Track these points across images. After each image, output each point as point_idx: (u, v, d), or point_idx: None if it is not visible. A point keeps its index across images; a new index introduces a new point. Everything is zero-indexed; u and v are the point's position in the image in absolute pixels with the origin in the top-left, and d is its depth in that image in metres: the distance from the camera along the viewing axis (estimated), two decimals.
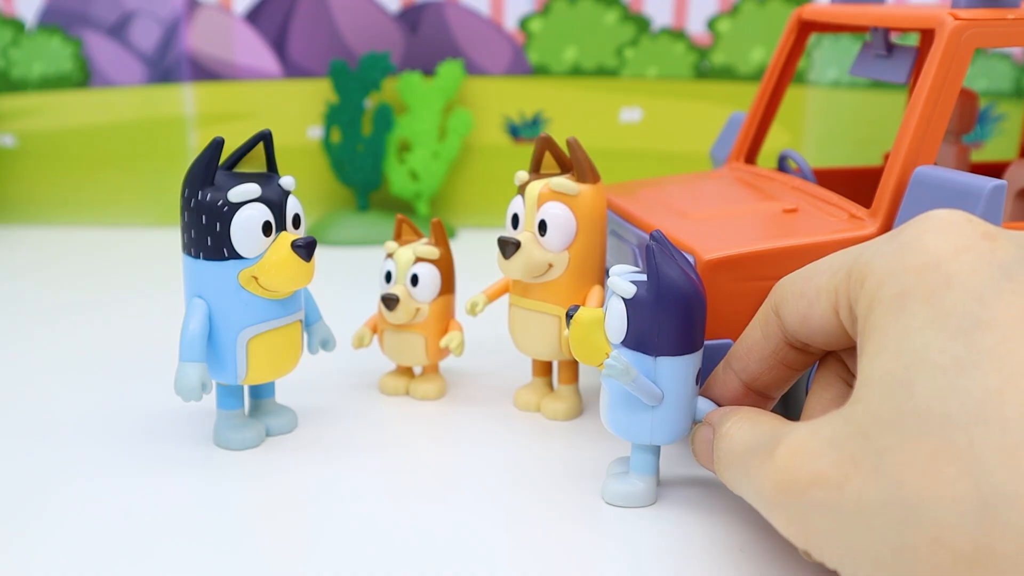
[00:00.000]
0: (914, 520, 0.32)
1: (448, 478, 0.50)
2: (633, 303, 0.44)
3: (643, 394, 0.45)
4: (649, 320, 0.44)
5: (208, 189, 0.49)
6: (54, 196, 1.00)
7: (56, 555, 0.43)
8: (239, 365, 0.51)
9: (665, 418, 0.45)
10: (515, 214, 0.55)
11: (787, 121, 0.97)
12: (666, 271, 0.44)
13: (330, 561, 0.43)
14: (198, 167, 0.49)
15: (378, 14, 0.96)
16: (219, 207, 0.49)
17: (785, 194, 0.58)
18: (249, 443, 0.53)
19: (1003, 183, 0.47)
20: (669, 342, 0.44)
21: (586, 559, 0.43)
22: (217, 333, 0.50)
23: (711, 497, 0.49)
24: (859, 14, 0.60)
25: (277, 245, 0.50)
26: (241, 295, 0.50)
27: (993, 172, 0.73)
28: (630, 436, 0.46)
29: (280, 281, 0.50)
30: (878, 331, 0.35)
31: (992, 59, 0.95)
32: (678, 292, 0.44)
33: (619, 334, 0.45)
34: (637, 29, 0.96)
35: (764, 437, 0.39)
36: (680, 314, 0.44)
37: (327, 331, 0.57)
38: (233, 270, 0.50)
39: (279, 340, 0.52)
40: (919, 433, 0.32)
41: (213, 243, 0.49)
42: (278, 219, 0.50)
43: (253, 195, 0.49)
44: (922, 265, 0.35)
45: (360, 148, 0.96)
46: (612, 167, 0.84)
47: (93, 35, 0.96)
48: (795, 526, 0.36)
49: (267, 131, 0.51)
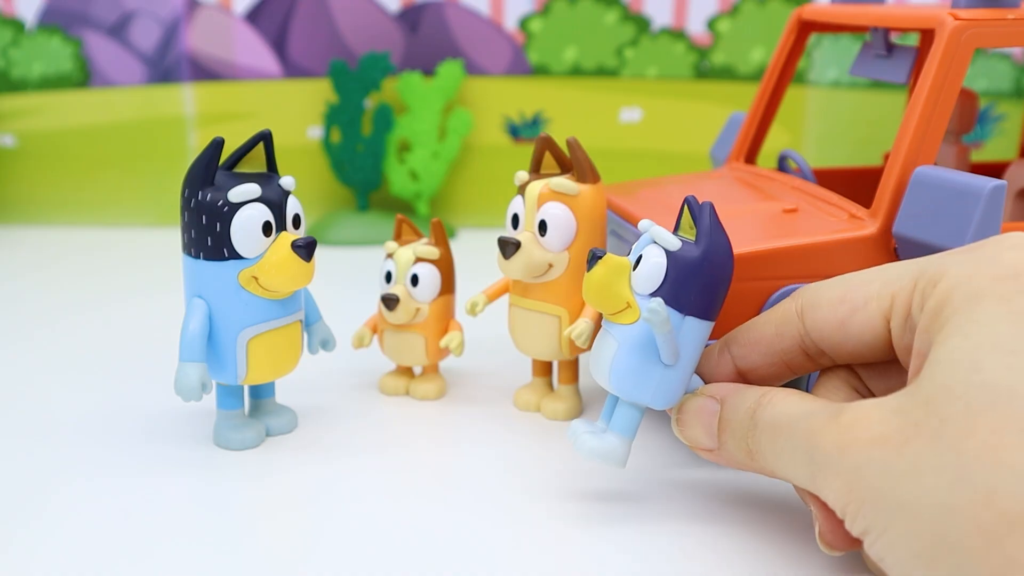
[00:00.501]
0: (967, 482, 0.33)
1: (448, 478, 0.50)
2: (676, 257, 0.44)
3: (667, 349, 0.44)
4: (691, 277, 0.44)
5: (208, 189, 0.49)
6: (54, 196, 1.00)
7: (56, 555, 0.43)
8: (239, 365, 0.51)
9: (671, 381, 0.45)
10: (515, 214, 0.55)
11: (787, 121, 0.97)
12: (718, 233, 0.44)
13: (330, 561, 0.43)
14: (198, 167, 0.49)
15: (378, 14, 0.96)
16: (219, 207, 0.49)
17: (785, 194, 0.58)
18: (249, 443, 0.53)
19: (1003, 183, 0.47)
20: (701, 303, 0.44)
21: (586, 560, 0.44)
22: (217, 333, 0.50)
23: (710, 498, 0.49)
24: (859, 14, 0.60)
25: (277, 245, 0.50)
26: (241, 295, 0.50)
27: (993, 172, 0.73)
28: (631, 393, 0.45)
29: (280, 281, 0.50)
30: (949, 323, 0.37)
31: (992, 59, 0.95)
32: (725, 255, 0.44)
33: (653, 284, 0.45)
34: (637, 29, 0.96)
35: (820, 406, 0.40)
36: (719, 278, 0.44)
37: (327, 331, 0.57)
38: (233, 270, 0.50)
39: (279, 340, 0.52)
40: (984, 404, 0.34)
41: (213, 243, 0.49)
42: (278, 219, 0.50)
43: (253, 195, 0.49)
44: (1000, 274, 0.37)
45: (360, 148, 0.96)
46: (612, 167, 0.84)
47: (93, 35, 0.96)
48: (843, 483, 0.37)
49: (267, 131, 0.51)
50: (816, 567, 0.43)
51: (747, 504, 0.48)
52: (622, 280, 0.45)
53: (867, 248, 0.51)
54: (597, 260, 0.45)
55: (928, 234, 0.49)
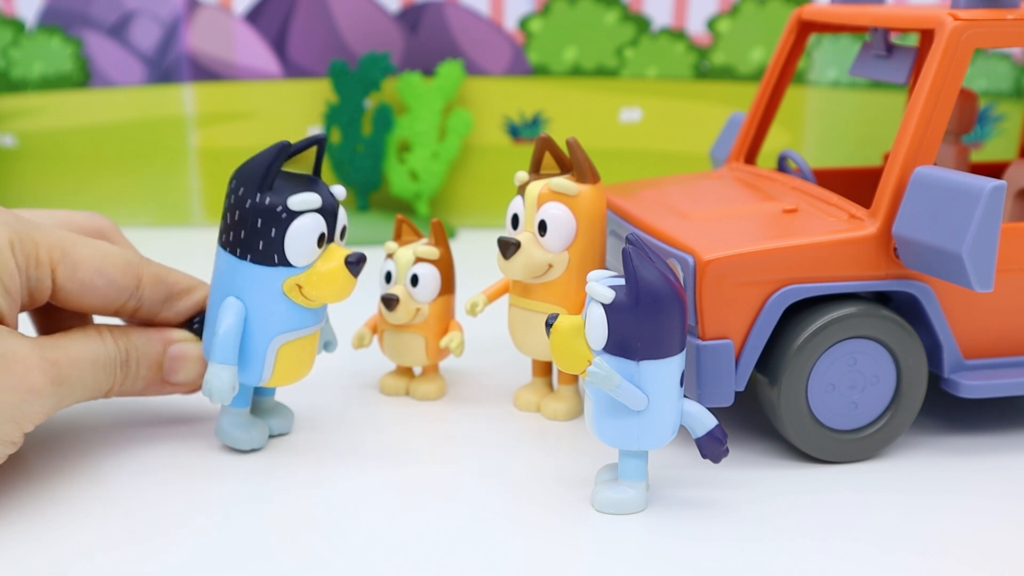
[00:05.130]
0: None
1: (448, 479, 0.50)
2: (612, 308, 0.44)
3: (628, 399, 0.45)
4: (629, 324, 0.44)
5: (268, 193, 0.48)
6: (54, 196, 1.00)
7: (57, 554, 0.43)
8: (265, 368, 0.50)
9: (652, 423, 0.45)
10: (515, 214, 0.55)
11: (787, 121, 0.97)
12: (644, 274, 0.44)
13: (330, 561, 0.43)
14: (259, 167, 0.48)
15: (378, 14, 0.96)
16: (278, 212, 0.48)
17: (785, 194, 0.58)
18: (256, 443, 0.53)
19: (1003, 183, 0.47)
20: (651, 346, 0.44)
21: (586, 561, 0.44)
22: (250, 336, 0.49)
23: (707, 499, 0.49)
24: (859, 14, 0.60)
25: (327, 257, 0.49)
26: (282, 302, 0.49)
27: (993, 172, 0.72)
28: (617, 443, 0.46)
29: (326, 293, 0.49)
30: None
31: (992, 59, 0.95)
32: (657, 295, 0.44)
33: (600, 340, 0.45)
34: (637, 29, 0.96)
35: None
36: (660, 317, 0.44)
37: (331, 332, 0.56)
38: (279, 276, 0.49)
39: (303, 346, 0.51)
40: None
41: (264, 247, 0.48)
42: (330, 230, 0.49)
43: (314, 205, 0.48)
44: None
45: (360, 148, 0.96)
46: (612, 167, 0.84)
47: (93, 35, 0.96)
48: None
49: (323, 135, 0.50)
50: (818, 567, 0.43)
51: (754, 510, 0.48)
52: (578, 340, 0.45)
53: (867, 248, 0.51)
54: (549, 327, 0.45)
55: (928, 234, 0.49)
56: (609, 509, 0.47)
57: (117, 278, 0.50)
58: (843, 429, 0.52)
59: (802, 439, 0.51)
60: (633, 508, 0.47)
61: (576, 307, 0.54)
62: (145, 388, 0.52)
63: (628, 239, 0.45)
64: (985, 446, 0.54)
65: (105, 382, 0.50)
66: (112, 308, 0.51)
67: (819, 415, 0.51)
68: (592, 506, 0.47)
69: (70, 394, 0.48)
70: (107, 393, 0.51)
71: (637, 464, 0.47)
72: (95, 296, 0.50)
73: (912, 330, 0.52)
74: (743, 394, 0.54)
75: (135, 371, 0.51)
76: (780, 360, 0.51)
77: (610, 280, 0.45)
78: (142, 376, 0.52)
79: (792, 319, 0.51)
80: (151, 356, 0.52)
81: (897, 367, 0.52)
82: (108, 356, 0.50)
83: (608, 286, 0.44)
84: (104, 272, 0.50)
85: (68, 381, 0.47)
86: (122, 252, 0.51)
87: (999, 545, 0.45)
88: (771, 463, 0.52)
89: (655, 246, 0.53)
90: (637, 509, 0.47)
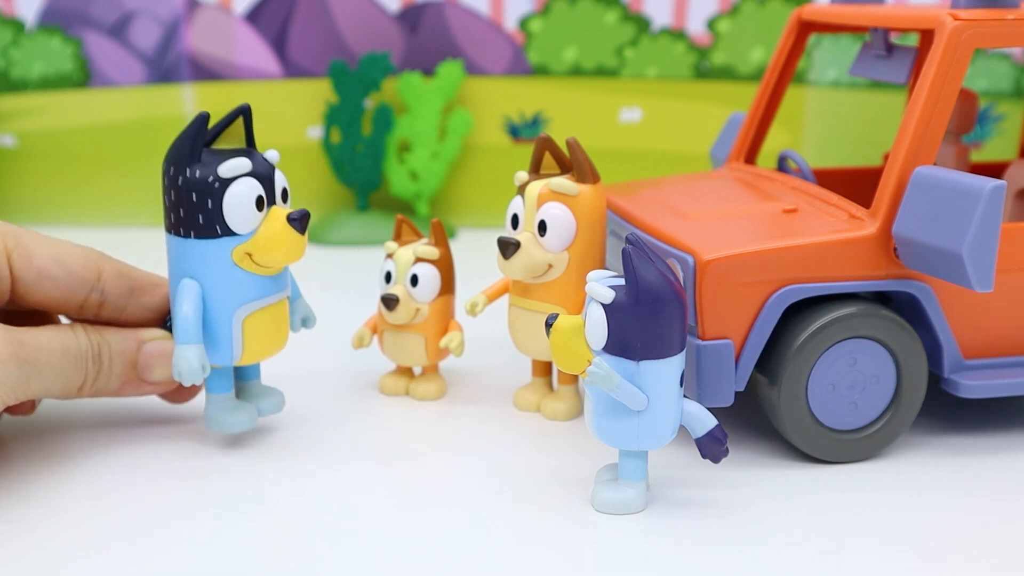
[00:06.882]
0: None
1: (448, 479, 0.50)
2: (612, 308, 0.44)
3: (628, 400, 0.45)
4: (629, 324, 0.44)
5: (196, 166, 0.48)
6: (54, 196, 1.00)
7: (56, 554, 0.43)
8: (235, 345, 0.50)
9: (651, 423, 0.45)
10: (515, 214, 0.55)
11: (787, 121, 0.97)
12: (643, 274, 0.44)
13: (328, 561, 0.43)
14: (183, 144, 0.48)
15: (378, 14, 0.96)
16: (210, 183, 0.48)
17: (785, 194, 0.58)
18: (244, 425, 0.52)
19: (1003, 183, 0.47)
20: (650, 345, 0.44)
21: (586, 561, 0.44)
22: (211, 314, 0.49)
23: (707, 499, 0.49)
24: (859, 14, 0.60)
25: (271, 220, 0.49)
26: (235, 273, 0.49)
27: (993, 172, 0.72)
28: (617, 443, 0.46)
29: (276, 256, 0.49)
30: None
31: (992, 59, 0.95)
32: (657, 295, 0.44)
33: (600, 341, 0.45)
34: (637, 29, 0.96)
35: None
36: (660, 317, 0.44)
37: (307, 308, 0.56)
38: (227, 247, 0.49)
39: (271, 317, 0.51)
40: None
41: (205, 221, 0.48)
42: (268, 193, 0.49)
43: (244, 170, 0.48)
44: None
45: (360, 148, 0.96)
46: (612, 167, 0.84)
47: (93, 35, 0.96)
48: None
49: (246, 105, 0.50)
50: (819, 568, 0.43)
51: (754, 510, 0.48)
52: (578, 340, 0.45)
53: (867, 248, 0.51)
54: (549, 327, 0.45)
55: (928, 234, 0.49)
56: (609, 509, 0.47)
57: (76, 269, 0.50)
58: (843, 429, 0.52)
59: (802, 439, 0.51)
60: (633, 508, 0.47)
61: (576, 307, 0.54)
62: (121, 387, 0.52)
63: (628, 239, 0.45)
64: (985, 446, 0.54)
65: (77, 374, 0.50)
66: (75, 302, 0.51)
67: (819, 415, 0.51)
68: (592, 506, 0.47)
69: (38, 376, 0.47)
70: (81, 387, 0.50)
71: (637, 464, 0.47)
72: (55, 288, 0.50)
73: (912, 330, 0.52)
74: (743, 394, 0.54)
75: (108, 367, 0.51)
76: (780, 360, 0.51)
77: (610, 280, 0.45)
78: (116, 373, 0.51)
79: (792, 319, 0.51)
80: (125, 353, 0.51)
81: (897, 367, 0.52)
82: (79, 347, 0.50)
83: (608, 286, 0.44)
84: (62, 262, 0.50)
85: (35, 363, 0.47)
86: (81, 246, 0.51)
87: (999, 545, 0.45)
88: (771, 463, 0.52)
89: (655, 246, 0.53)
90: (637, 509, 0.47)
